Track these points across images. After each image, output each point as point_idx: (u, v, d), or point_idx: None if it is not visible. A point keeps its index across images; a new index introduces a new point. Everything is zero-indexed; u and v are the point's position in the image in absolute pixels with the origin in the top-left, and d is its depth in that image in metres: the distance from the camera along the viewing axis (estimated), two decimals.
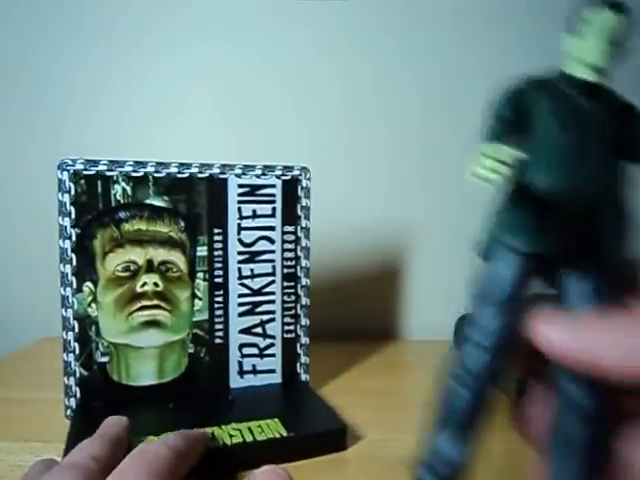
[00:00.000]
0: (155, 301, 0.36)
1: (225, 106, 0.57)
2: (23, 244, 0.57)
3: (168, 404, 0.36)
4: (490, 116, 0.19)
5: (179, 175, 0.36)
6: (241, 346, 0.39)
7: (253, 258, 0.39)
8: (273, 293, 0.40)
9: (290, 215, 0.39)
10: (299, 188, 0.39)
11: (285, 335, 0.40)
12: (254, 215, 0.39)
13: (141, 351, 0.37)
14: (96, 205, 0.35)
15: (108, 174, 0.35)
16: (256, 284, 0.39)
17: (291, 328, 0.40)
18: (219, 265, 0.38)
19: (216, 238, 0.38)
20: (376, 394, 0.42)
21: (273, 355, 0.40)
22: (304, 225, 0.40)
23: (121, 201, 0.35)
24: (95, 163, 0.35)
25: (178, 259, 0.37)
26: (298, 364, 0.41)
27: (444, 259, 0.57)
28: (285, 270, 0.40)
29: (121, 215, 0.35)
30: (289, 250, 0.40)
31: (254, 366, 0.40)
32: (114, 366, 0.36)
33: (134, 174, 0.35)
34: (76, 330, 0.35)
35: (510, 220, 0.18)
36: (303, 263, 0.40)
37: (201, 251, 0.38)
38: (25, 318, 0.57)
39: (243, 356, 0.39)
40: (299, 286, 0.40)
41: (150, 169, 0.36)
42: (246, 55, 0.57)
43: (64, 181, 0.34)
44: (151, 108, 0.57)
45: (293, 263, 0.40)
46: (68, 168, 0.34)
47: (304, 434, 0.32)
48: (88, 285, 0.35)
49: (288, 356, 0.40)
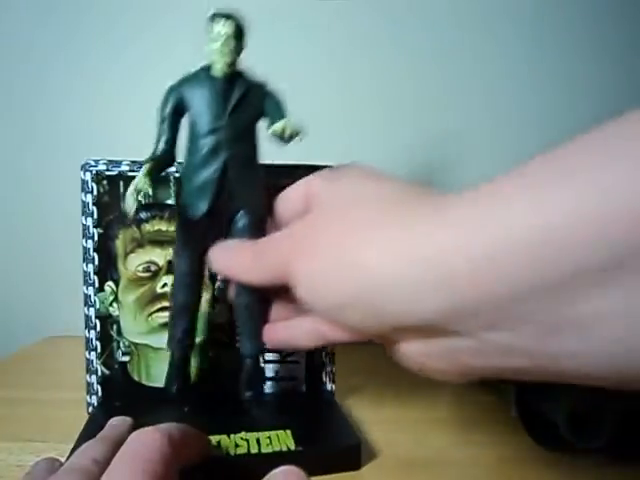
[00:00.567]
0: None
1: None
2: (30, 245, 0.54)
3: (184, 408, 0.35)
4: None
5: None
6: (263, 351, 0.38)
7: None
8: None
9: None
10: None
11: None
12: None
13: (161, 352, 0.36)
14: (118, 205, 0.35)
15: (130, 174, 0.35)
16: None
17: None
18: None
19: None
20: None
21: (297, 362, 0.38)
22: None
23: (142, 201, 0.35)
24: (117, 164, 0.35)
25: None
26: (323, 372, 0.39)
27: None
28: None
29: (142, 215, 0.36)
30: None
31: (277, 373, 0.38)
32: (134, 366, 0.36)
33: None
34: (98, 329, 0.36)
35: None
36: None
37: None
38: (27, 318, 0.56)
39: (265, 362, 0.38)
40: None
41: (171, 169, 0.36)
42: (246, 55, 0.56)
43: (87, 181, 0.35)
44: None
45: None
46: (91, 169, 0.35)
47: (313, 449, 0.30)
48: (110, 285, 0.36)
49: (312, 363, 0.39)
